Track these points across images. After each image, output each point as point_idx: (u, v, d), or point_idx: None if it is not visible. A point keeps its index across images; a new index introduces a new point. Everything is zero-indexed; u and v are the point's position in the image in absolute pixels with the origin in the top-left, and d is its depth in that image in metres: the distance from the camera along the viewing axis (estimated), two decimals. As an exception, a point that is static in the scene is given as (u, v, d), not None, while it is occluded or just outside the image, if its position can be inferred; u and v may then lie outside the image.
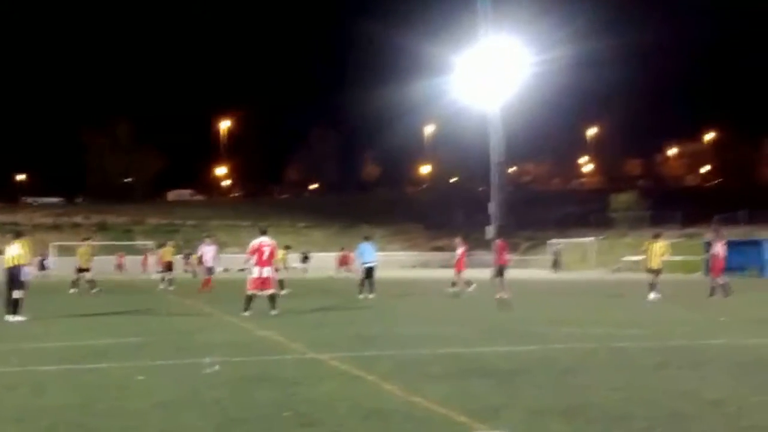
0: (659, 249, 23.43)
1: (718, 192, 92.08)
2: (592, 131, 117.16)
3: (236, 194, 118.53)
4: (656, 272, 23.15)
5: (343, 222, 67.96)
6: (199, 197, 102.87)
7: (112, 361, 10.38)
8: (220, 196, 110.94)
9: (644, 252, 24.01)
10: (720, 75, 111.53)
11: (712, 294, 23.46)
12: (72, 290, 27.80)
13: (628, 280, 39.16)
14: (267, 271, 17.12)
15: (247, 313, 16.69)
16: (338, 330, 14.38)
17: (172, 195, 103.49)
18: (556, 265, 55.48)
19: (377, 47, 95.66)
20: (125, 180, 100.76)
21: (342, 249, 51.93)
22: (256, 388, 8.33)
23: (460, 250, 26.47)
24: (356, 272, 26.91)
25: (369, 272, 24.58)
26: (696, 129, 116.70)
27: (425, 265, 65.98)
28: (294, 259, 40.86)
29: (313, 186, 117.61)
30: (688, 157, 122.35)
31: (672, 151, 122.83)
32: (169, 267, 31.07)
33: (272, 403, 7.56)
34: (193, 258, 33.90)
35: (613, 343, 12.28)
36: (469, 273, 26.54)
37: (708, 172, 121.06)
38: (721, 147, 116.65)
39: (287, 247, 29.03)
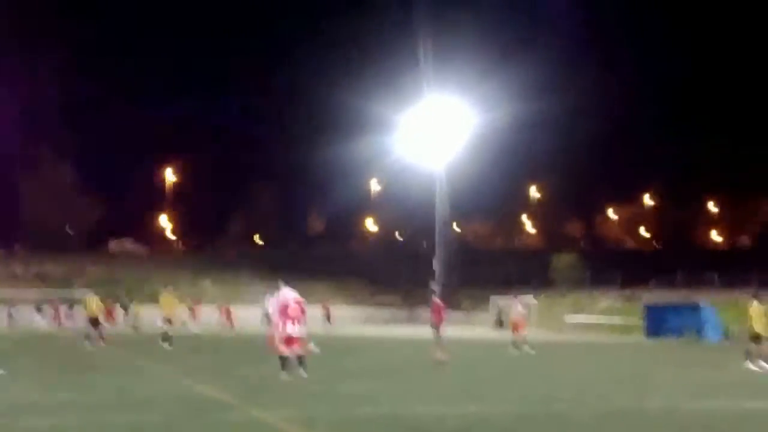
0: (762, 311, 19.55)
1: (656, 255, 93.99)
2: (534, 192, 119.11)
3: (180, 247, 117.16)
4: (759, 338, 19.44)
5: (287, 277, 67.42)
6: (142, 248, 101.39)
7: (47, 418, 10.14)
8: (163, 247, 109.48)
9: (750, 315, 19.70)
10: (658, 139, 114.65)
11: None
12: (164, 344, 25.65)
13: (571, 341, 39.56)
14: (296, 329, 15.42)
15: (284, 375, 15.07)
16: (282, 387, 14.23)
17: (114, 245, 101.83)
18: (499, 323, 55.76)
19: (320, 103, 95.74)
20: (66, 229, 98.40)
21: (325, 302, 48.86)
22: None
23: (521, 311, 26.17)
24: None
25: None
26: (635, 192, 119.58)
27: (368, 320, 65.72)
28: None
29: (259, 240, 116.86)
30: (627, 219, 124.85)
31: (611, 214, 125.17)
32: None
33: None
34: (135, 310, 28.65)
35: (551, 405, 12.41)
36: (413, 331, 26.50)
37: (647, 235, 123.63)
38: (659, 210, 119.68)
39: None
